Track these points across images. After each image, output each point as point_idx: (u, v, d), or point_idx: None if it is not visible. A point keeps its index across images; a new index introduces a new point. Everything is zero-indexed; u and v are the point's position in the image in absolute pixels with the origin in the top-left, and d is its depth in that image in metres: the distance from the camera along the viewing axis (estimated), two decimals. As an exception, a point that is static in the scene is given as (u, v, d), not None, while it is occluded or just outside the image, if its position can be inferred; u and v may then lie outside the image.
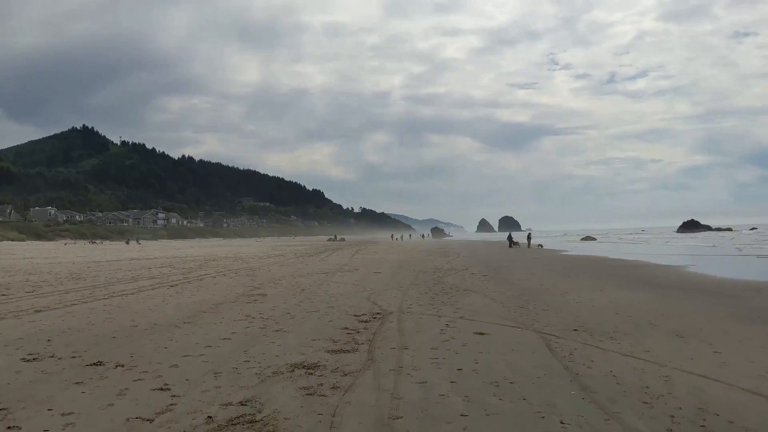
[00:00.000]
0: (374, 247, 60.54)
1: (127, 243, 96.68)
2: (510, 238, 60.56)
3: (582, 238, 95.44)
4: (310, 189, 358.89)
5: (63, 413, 5.52)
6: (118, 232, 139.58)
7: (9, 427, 5.17)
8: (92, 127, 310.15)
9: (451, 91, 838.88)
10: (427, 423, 5.27)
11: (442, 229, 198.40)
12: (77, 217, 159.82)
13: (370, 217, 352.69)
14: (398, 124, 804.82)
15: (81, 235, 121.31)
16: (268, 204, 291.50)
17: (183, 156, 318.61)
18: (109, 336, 9.44)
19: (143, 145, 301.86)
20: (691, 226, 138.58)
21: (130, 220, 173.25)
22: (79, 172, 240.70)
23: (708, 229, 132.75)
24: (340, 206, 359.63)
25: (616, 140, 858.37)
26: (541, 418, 5.38)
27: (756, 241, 60.53)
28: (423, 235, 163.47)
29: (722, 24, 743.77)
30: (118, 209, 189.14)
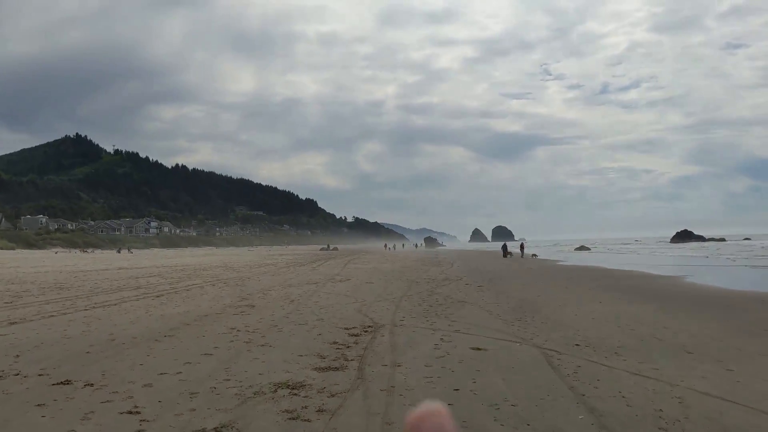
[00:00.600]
0: (367, 257, 59.95)
1: (119, 252, 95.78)
2: (504, 248, 60.08)
3: (576, 248, 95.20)
4: (303, 198, 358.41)
5: (17, 441, 4.98)
6: (110, 240, 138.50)
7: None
8: (85, 136, 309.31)
9: (445, 101, 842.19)
10: (421, 453, 4.73)
11: (436, 239, 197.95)
12: (69, 225, 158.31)
13: (363, 227, 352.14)
14: (392, 133, 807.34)
15: (72, 244, 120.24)
16: (261, 213, 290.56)
17: (176, 165, 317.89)
18: (83, 351, 8.87)
19: (136, 153, 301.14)
20: (685, 237, 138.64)
21: (122, 229, 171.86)
22: (72, 180, 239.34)
23: (701, 239, 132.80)
24: (333, 215, 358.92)
25: (609, 150, 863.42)
26: (547, 448, 4.86)
27: (750, 252, 60.26)
28: (416, 245, 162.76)
29: (714, 35, 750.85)
30: (111, 218, 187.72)
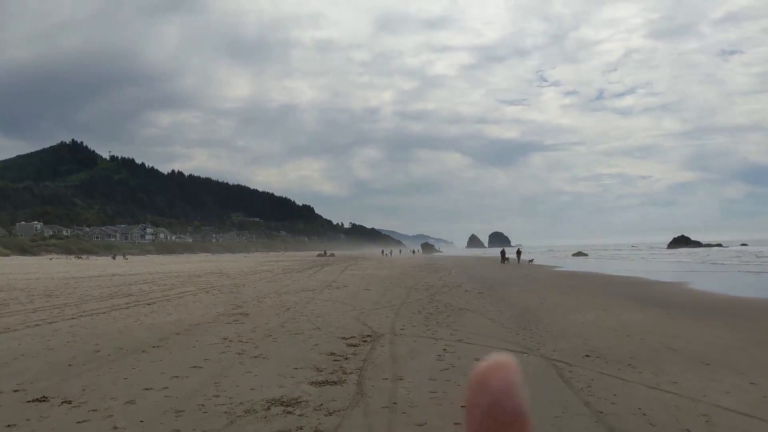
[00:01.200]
0: (364, 263, 59.42)
1: (114, 258, 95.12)
2: (503, 254, 59.67)
3: (573, 254, 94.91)
4: (300, 204, 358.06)
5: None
6: (106, 247, 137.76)
7: None
8: (81, 142, 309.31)
9: (441, 107, 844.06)
10: (429, 482, 4.26)
11: (433, 245, 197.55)
12: (64, 231, 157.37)
13: (359, 233, 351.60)
14: (388, 139, 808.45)
15: (67, 250, 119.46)
16: (258, 219, 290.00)
17: (172, 171, 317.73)
18: (65, 364, 8.37)
19: (132, 159, 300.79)
20: (681, 242, 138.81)
21: (118, 235, 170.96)
22: (67, 186, 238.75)
23: (698, 245, 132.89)
24: (330, 222, 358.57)
25: (605, 156, 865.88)
26: (568, 475, 4.39)
27: (749, 258, 59.93)
28: (413, 251, 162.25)
29: (709, 42, 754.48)
30: (106, 224, 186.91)
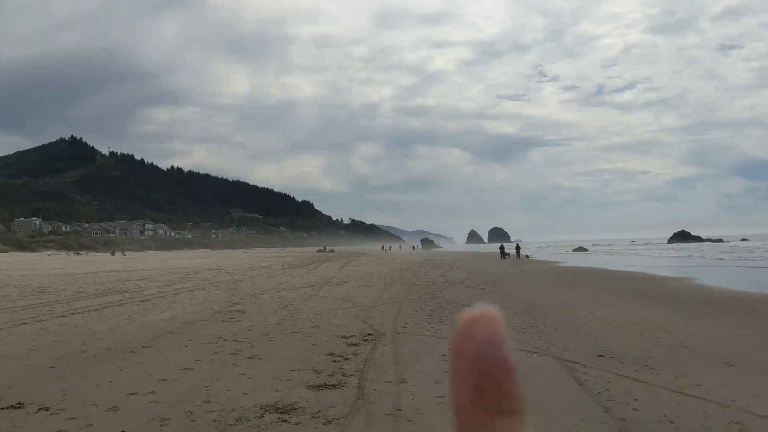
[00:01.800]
0: (364, 259, 58.95)
1: (113, 254, 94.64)
2: (502, 249, 59.16)
3: (574, 249, 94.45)
4: (300, 200, 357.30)
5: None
6: (105, 243, 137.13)
7: None
8: (80, 138, 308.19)
9: (440, 103, 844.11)
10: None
11: (432, 241, 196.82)
12: (63, 228, 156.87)
13: (359, 229, 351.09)
14: (387, 135, 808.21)
15: (66, 246, 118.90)
16: (258, 215, 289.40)
17: (171, 167, 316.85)
18: (48, 366, 7.89)
19: (131, 155, 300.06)
20: (682, 237, 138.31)
21: (117, 231, 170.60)
22: (66, 182, 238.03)
23: (698, 239, 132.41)
24: (329, 217, 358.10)
25: (604, 152, 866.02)
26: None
27: (752, 253, 59.46)
28: (413, 247, 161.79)
29: (708, 37, 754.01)
30: (105, 220, 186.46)
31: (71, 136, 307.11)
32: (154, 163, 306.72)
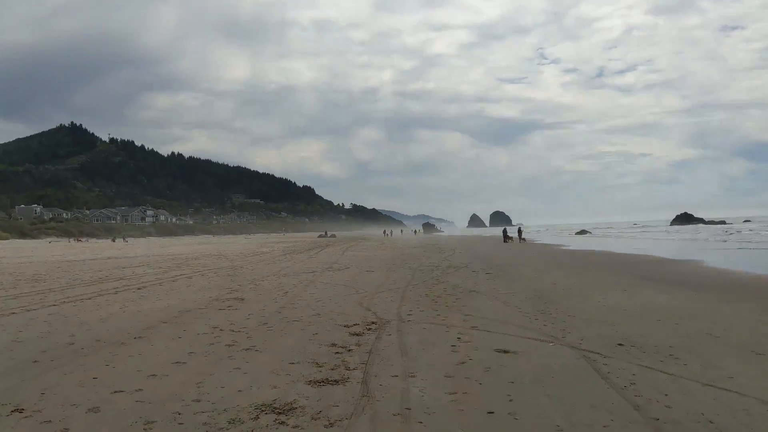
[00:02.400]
0: (366, 243, 58.46)
1: (114, 241, 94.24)
2: (505, 233, 58.63)
3: (576, 233, 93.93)
4: (301, 185, 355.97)
5: None
6: (106, 229, 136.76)
7: None
8: (80, 124, 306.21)
9: (440, 87, 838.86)
10: None
11: (434, 225, 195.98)
12: (64, 214, 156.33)
13: (360, 213, 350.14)
14: (388, 120, 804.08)
15: (67, 233, 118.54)
16: (259, 200, 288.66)
17: (172, 153, 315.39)
18: (31, 360, 7.39)
19: (132, 141, 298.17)
20: (685, 219, 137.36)
21: (118, 218, 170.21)
22: (67, 169, 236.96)
23: (701, 221, 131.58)
24: (330, 202, 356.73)
25: (606, 134, 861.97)
26: None
27: (758, 234, 58.86)
28: (415, 231, 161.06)
29: (710, 17, 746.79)
30: (106, 206, 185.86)
31: (71, 123, 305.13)
32: (155, 150, 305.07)
